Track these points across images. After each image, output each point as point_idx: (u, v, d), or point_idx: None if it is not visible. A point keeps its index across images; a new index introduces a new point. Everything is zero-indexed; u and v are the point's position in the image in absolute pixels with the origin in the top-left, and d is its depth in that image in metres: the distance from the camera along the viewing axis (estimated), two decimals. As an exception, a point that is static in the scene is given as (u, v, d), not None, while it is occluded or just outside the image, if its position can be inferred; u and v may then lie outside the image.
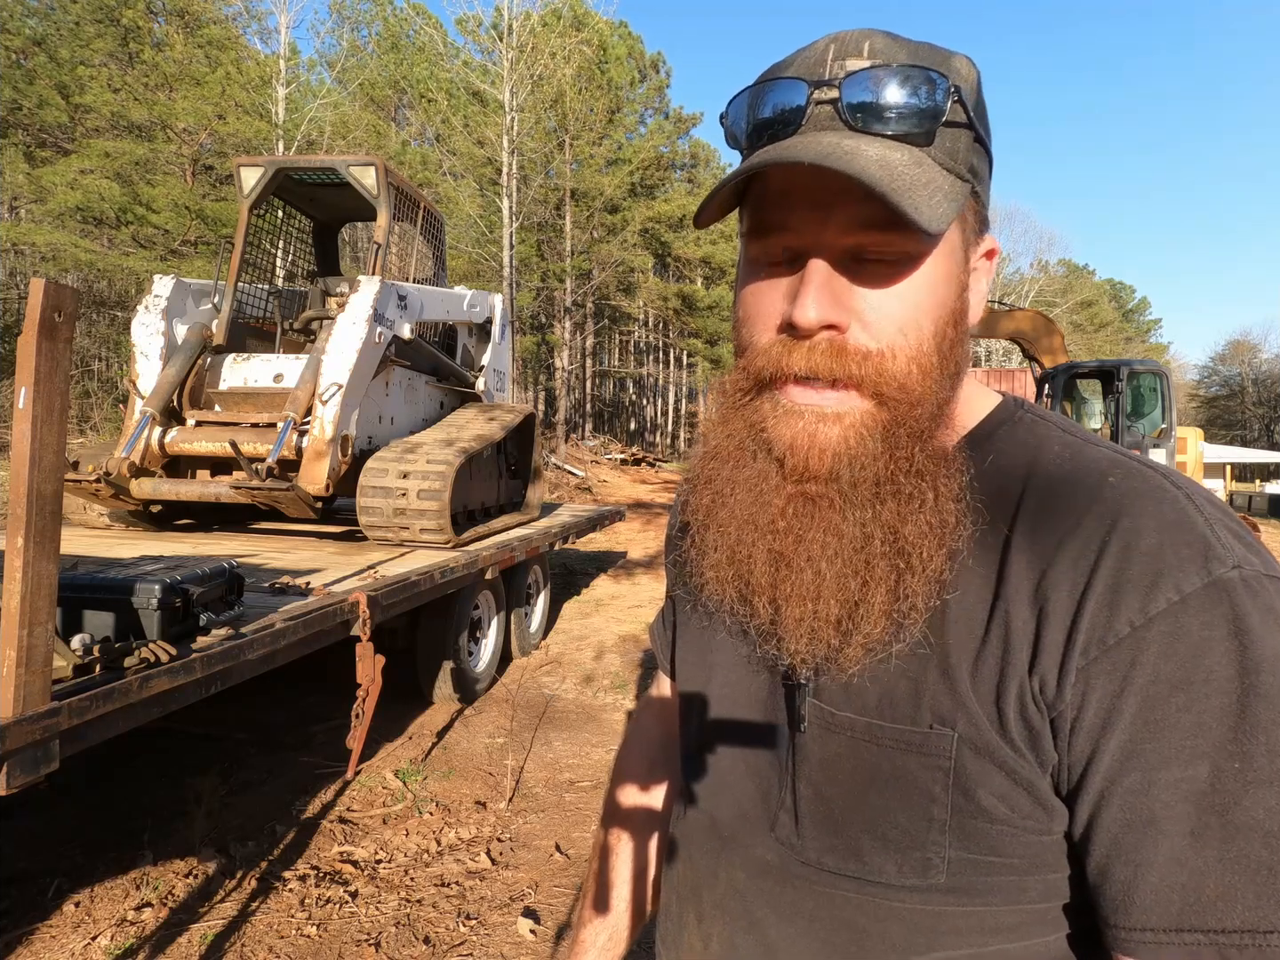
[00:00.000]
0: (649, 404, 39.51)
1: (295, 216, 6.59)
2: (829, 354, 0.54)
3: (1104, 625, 0.49)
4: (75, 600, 2.11)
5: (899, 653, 0.55)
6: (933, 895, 0.55)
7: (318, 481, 4.47)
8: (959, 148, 0.55)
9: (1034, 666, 0.51)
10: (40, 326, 1.58)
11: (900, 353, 0.54)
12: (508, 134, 18.15)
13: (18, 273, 16.58)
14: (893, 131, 0.53)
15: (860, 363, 0.54)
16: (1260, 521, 14.34)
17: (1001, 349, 35.57)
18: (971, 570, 0.55)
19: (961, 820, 0.53)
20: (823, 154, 0.50)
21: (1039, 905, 0.54)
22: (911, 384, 0.54)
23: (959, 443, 0.60)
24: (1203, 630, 0.47)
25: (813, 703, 0.59)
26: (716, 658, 0.70)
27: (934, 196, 0.52)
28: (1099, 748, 0.49)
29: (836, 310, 0.53)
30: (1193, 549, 0.49)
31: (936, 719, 0.54)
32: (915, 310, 0.54)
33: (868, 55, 0.54)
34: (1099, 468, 0.55)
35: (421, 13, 22.30)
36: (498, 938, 2.57)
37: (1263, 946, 0.44)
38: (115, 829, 3.09)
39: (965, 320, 0.58)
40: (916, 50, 0.55)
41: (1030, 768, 0.52)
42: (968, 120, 0.55)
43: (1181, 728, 0.47)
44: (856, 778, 0.57)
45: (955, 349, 0.57)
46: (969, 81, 0.55)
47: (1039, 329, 10.70)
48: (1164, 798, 0.47)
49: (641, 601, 7.98)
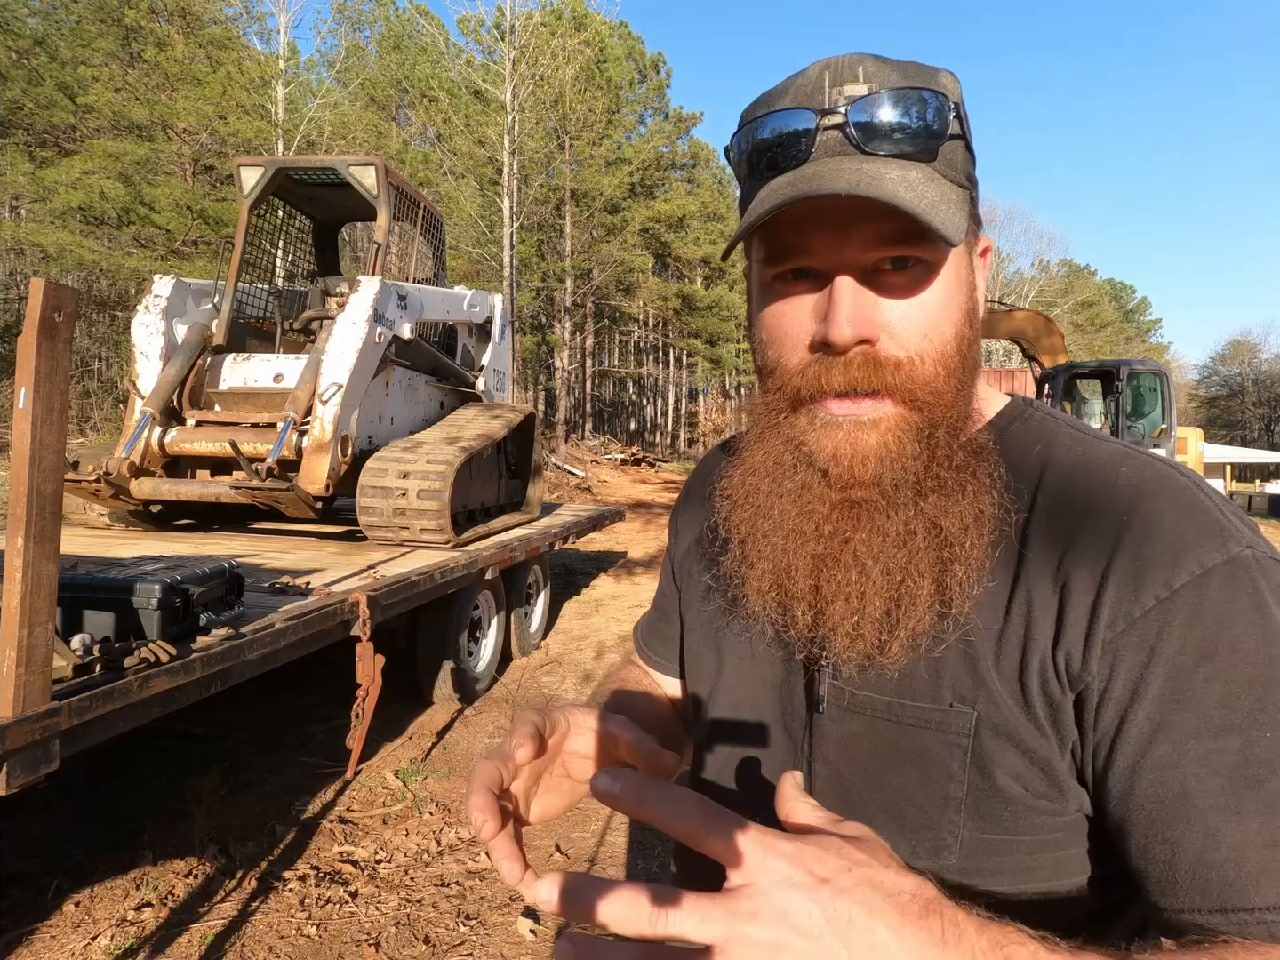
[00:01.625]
0: (649, 404, 39.51)
1: (295, 216, 6.59)
2: (865, 367, 0.56)
3: (1130, 599, 0.50)
4: (75, 600, 2.11)
5: (941, 643, 0.56)
6: (944, 877, 0.55)
7: (318, 481, 4.46)
8: (957, 159, 0.58)
9: (1058, 642, 0.52)
10: (40, 326, 1.58)
11: (928, 357, 0.57)
12: (509, 134, 18.16)
13: (18, 273, 16.58)
14: (901, 151, 0.55)
15: (893, 372, 0.56)
16: (1260, 521, 14.35)
17: (1001, 349, 35.56)
18: (991, 553, 0.56)
19: (977, 800, 0.54)
20: (853, 182, 0.53)
21: (1045, 885, 0.55)
22: (940, 385, 0.57)
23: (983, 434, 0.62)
24: (1226, 602, 0.49)
25: (831, 683, 0.61)
26: (728, 651, 0.71)
27: (949, 209, 0.55)
28: (1127, 718, 0.50)
29: (867, 325, 0.56)
30: (1209, 529, 0.51)
31: (956, 697, 0.55)
32: (937, 316, 0.57)
33: (864, 80, 0.56)
34: (1111, 460, 0.58)
35: (424, 13, 22.31)
36: (498, 938, 2.57)
37: None
38: (115, 829, 3.09)
39: (977, 318, 0.61)
40: (906, 71, 0.57)
41: (1049, 746, 0.53)
42: (961, 131, 0.58)
43: (1210, 698, 0.48)
44: (875, 757, 0.58)
45: (973, 346, 0.60)
46: (957, 95, 0.58)
47: (1039, 329, 10.71)
48: (1195, 770, 0.47)
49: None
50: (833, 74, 0.56)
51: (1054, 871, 0.55)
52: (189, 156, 17.35)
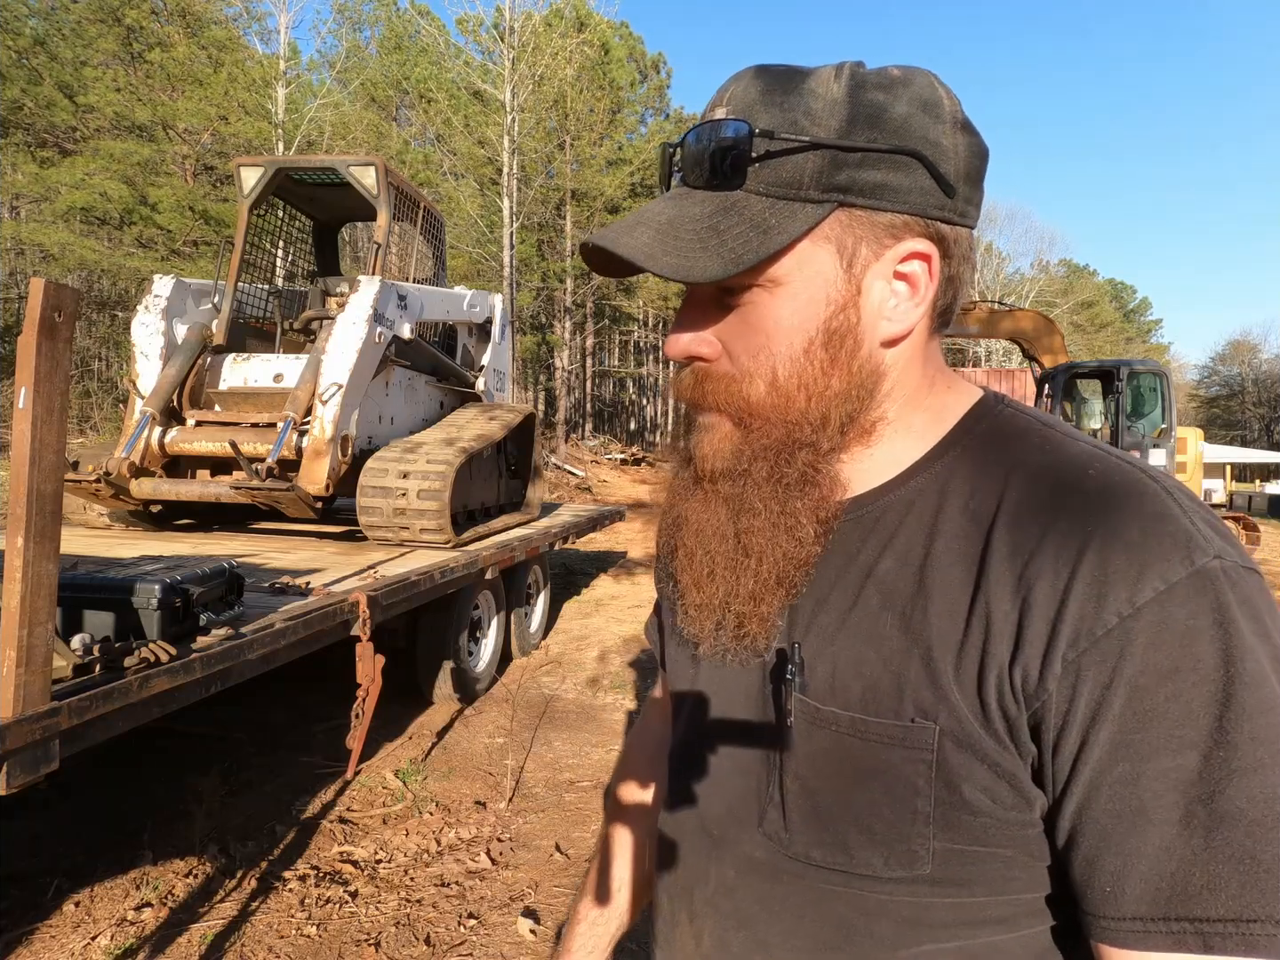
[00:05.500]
0: (649, 404, 39.50)
1: (295, 216, 6.58)
2: (691, 383, 0.61)
3: (1092, 617, 0.49)
4: (75, 600, 2.11)
5: (916, 645, 0.56)
6: (920, 887, 0.55)
7: (318, 481, 4.46)
8: (804, 172, 0.55)
9: (1015, 658, 0.51)
10: (40, 326, 1.58)
11: (757, 377, 0.58)
12: (509, 134, 18.16)
13: (18, 273, 16.59)
14: (704, 183, 0.57)
15: (714, 388, 0.60)
16: (1260, 521, 14.32)
17: (1001, 349, 35.56)
18: (954, 562, 0.55)
19: (945, 812, 0.54)
20: (611, 239, 0.56)
21: (1025, 896, 0.55)
22: (765, 407, 0.59)
23: (937, 445, 0.62)
24: (1189, 619, 0.48)
25: (798, 698, 0.60)
26: (703, 655, 0.70)
27: (732, 243, 0.55)
28: (1088, 739, 0.49)
29: (698, 343, 0.60)
30: (1175, 540, 0.50)
31: (919, 712, 0.54)
32: (768, 338, 0.58)
33: (726, 103, 0.57)
34: (1079, 462, 0.56)
35: (424, 13, 22.31)
36: (498, 938, 2.57)
37: (1245, 935, 0.45)
38: (115, 829, 3.09)
39: (850, 337, 0.58)
40: (770, 84, 0.56)
41: (1012, 759, 0.52)
42: (809, 143, 0.54)
43: (1170, 717, 0.47)
44: (842, 772, 0.58)
45: (837, 366, 0.58)
46: (827, 99, 0.55)
47: (1039, 329, 10.69)
48: (1154, 787, 0.47)
49: (641, 601, 7.98)
50: (716, 96, 0.58)
51: (1032, 882, 0.54)
52: (190, 157, 17.36)
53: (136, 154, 15.56)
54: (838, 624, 0.59)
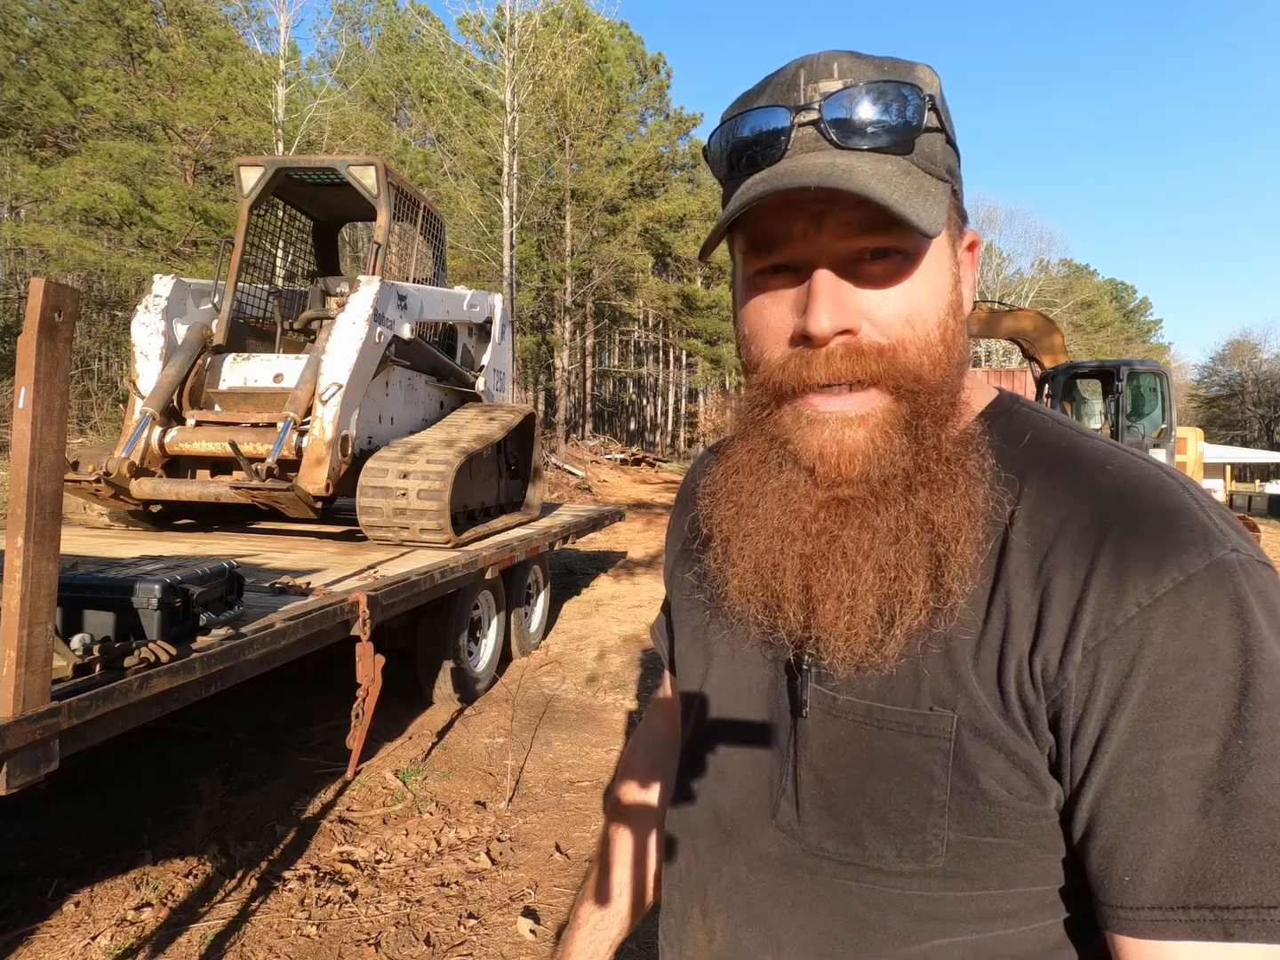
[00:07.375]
0: (649, 404, 39.52)
1: (295, 216, 6.58)
2: (847, 358, 0.56)
3: (1111, 606, 0.50)
4: (75, 600, 2.11)
5: (937, 638, 0.55)
6: (932, 881, 0.55)
7: (318, 481, 4.46)
8: (936, 152, 0.57)
9: (1035, 647, 0.52)
10: (40, 326, 1.58)
11: (910, 345, 0.56)
12: (509, 134, 18.14)
13: (18, 273, 16.58)
14: (876, 145, 0.55)
15: (877, 359, 0.56)
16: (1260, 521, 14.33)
17: (1001, 349, 35.55)
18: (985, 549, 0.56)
19: (960, 802, 0.54)
20: (823, 175, 0.53)
21: (1036, 889, 0.55)
22: (925, 374, 0.56)
23: (971, 427, 0.61)
24: (1207, 610, 0.48)
25: (814, 688, 0.60)
26: (716, 651, 0.70)
27: (926, 201, 0.54)
28: (1108, 728, 0.49)
29: (846, 315, 0.55)
30: (1193, 532, 0.51)
31: (936, 701, 0.54)
32: (918, 304, 0.56)
33: (838, 76, 0.56)
34: (1095, 457, 0.57)
35: (424, 14, 22.31)
36: (498, 938, 2.57)
37: (1266, 921, 0.45)
38: (115, 829, 3.09)
39: (962, 311, 0.60)
40: (881, 66, 0.57)
41: (1030, 749, 0.52)
42: (940, 125, 0.57)
43: (1189, 705, 0.48)
44: (857, 762, 0.58)
45: (958, 338, 0.59)
46: (935, 89, 0.57)
47: (1039, 329, 10.69)
48: (1172, 775, 0.48)
49: (641, 601, 7.98)
50: (808, 71, 0.57)
51: (1043, 875, 0.55)
52: (190, 157, 17.35)
53: (136, 154, 15.56)
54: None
